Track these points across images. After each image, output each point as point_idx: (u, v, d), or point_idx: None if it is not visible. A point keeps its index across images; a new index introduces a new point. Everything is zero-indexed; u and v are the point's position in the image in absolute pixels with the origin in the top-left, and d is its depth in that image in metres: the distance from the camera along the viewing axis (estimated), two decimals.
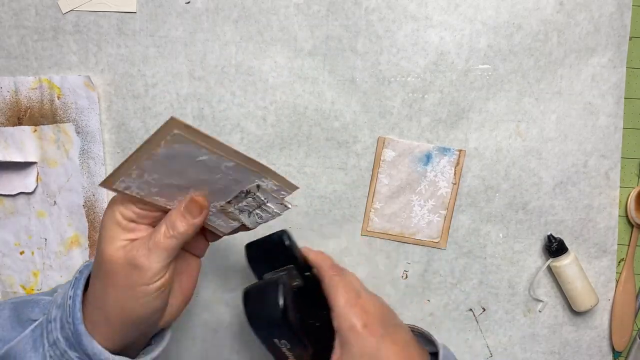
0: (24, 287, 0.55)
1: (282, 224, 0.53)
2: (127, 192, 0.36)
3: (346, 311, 0.41)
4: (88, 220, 0.53)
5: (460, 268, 0.53)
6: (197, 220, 0.37)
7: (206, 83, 0.52)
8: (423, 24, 0.50)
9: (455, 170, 0.51)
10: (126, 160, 0.35)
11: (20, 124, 0.53)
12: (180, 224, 0.36)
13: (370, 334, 0.40)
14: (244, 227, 0.42)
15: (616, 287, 0.53)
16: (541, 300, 0.53)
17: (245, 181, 0.38)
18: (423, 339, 0.45)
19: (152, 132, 0.53)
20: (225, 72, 0.52)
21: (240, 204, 0.40)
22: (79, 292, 0.37)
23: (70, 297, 0.37)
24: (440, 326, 0.54)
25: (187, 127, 0.33)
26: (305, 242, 0.53)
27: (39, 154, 0.53)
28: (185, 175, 0.36)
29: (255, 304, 0.43)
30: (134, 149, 0.53)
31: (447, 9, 0.50)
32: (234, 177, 0.37)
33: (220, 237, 0.42)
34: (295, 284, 0.45)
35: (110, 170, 0.53)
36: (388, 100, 0.52)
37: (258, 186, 0.39)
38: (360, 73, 0.51)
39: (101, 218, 0.53)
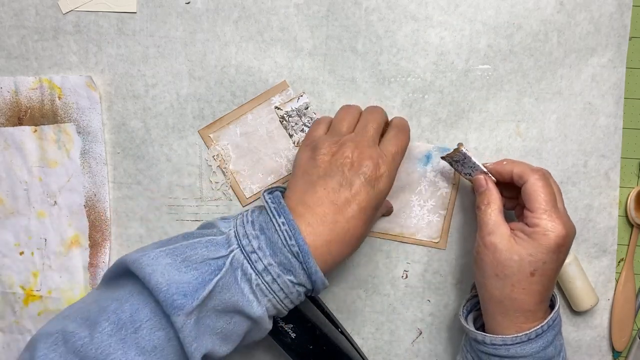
0: (23, 288, 0.55)
1: None
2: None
3: (550, 219, 0.42)
4: (89, 220, 0.53)
5: (460, 268, 0.53)
6: None
7: (206, 83, 0.52)
8: (423, 24, 0.51)
9: (454, 171, 0.51)
10: None
11: (20, 124, 0.53)
12: None
13: (556, 250, 0.42)
14: None
15: (616, 287, 0.53)
16: None
17: None
18: None
19: (152, 132, 0.53)
20: (225, 72, 0.52)
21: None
22: (291, 216, 0.40)
23: (282, 223, 0.40)
24: (440, 326, 0.54)
25: None
26: None
27: (39, 154, 0.53)
28: None
29: None
30: (134, 148, 0.53)
31: (447, 9, 0.50)
32: None
33: None
34: None
35: (111, 169, 0.53)
36: (388, 100, 0.52)
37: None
38: (360, 73, 0.51)
39: (104, 217, 0.53)
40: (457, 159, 0.47)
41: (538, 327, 0.43)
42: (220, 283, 0.38)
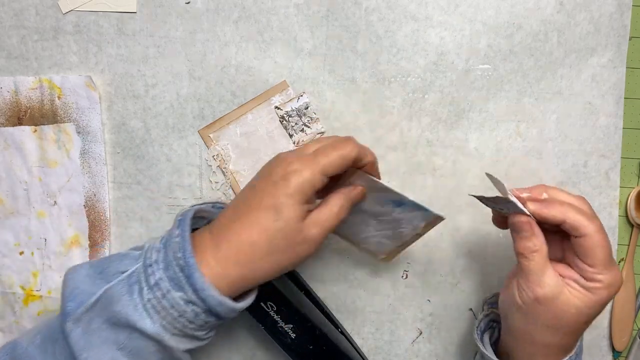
0: (23, 288, 0.55)
1: None
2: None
3: (610, 273, 0.39)
4: (89, 220, 0.53)
5: (460, 268, 0.53)
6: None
7: (206, 83, 0.52)
8: (423, 24, 0.51)
9: (425, 227, 0.46)
10: None
11: (20, 124, 0.53)
12: (347, 208, 0.42)
13: (612, 299, 0.41)
14: None
15: None
16: None
17: None
18: None
19: (152, 132, 0.53)
20: (225, 72, 0.52)
21: None
22: (187, 228, 0.38)
23: (177, 234, 0.38)
24: (440, 326, 0.54)
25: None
26: None
27: (39, 154, 0.53)
28: None
29: None
30: (134, 148, 0.53)
31: (447, 9, 0.50)
32: None
33: None
34: None
35: (111, 169, 0.53)
36: (388, 100, 0.52)
37: None
38: (360, 73, 0.51)
39: (104, 217, 0.53)
40: (493, 200, 0.41)
41: (567, 358, 0.41)
42: (109, 293, 0.38)
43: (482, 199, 0.42)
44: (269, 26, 0.51)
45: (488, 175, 0.41)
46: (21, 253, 0.54)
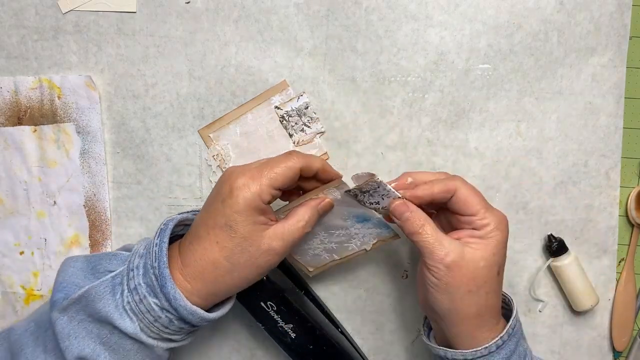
0: (23, 287, 0.55)
1: None
2: None
3: (492, 214, 0.42)
4: (89, 220, 0.53)
5: None
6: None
7: (206, 83, 0.52)
8: (423, 24, 0.51)
9: (375, 243, 0.47)
10: None
11: (20, 124, 0.53)
12: (314, 220, 0.42)
13: (507, 238, 0.42)
14: None
15: (616, 287, 0.53)
16: (541, 300, 0.53)
17: None
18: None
19: (151, 132, 0.53)
20: (225, 72, 0.52)
21: None
22: (166, 239, 0.40)
23: (156, 244, 0.40)
24: None
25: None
26: None
27: (39, 154, 0.53)
28: None
29: None
30: (134, 148, 0.53)
31: (447, 8, 0.50)
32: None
33: None
34: None
35: (111, 169, 0.53)
36: (388, 100, 0.52)
37: None
38: (360, 73, 0.51)
39: (104, 216, 0.53)
40: (367, 190, 0.42)
41: (497, 338, 0.41)
42: (93, 292, 0.40)
43: (356, 194, 0.43)
44: (269, 26, 0.51)
45: (353, 177, 0.43)
46: (21, 253, 0.54)
